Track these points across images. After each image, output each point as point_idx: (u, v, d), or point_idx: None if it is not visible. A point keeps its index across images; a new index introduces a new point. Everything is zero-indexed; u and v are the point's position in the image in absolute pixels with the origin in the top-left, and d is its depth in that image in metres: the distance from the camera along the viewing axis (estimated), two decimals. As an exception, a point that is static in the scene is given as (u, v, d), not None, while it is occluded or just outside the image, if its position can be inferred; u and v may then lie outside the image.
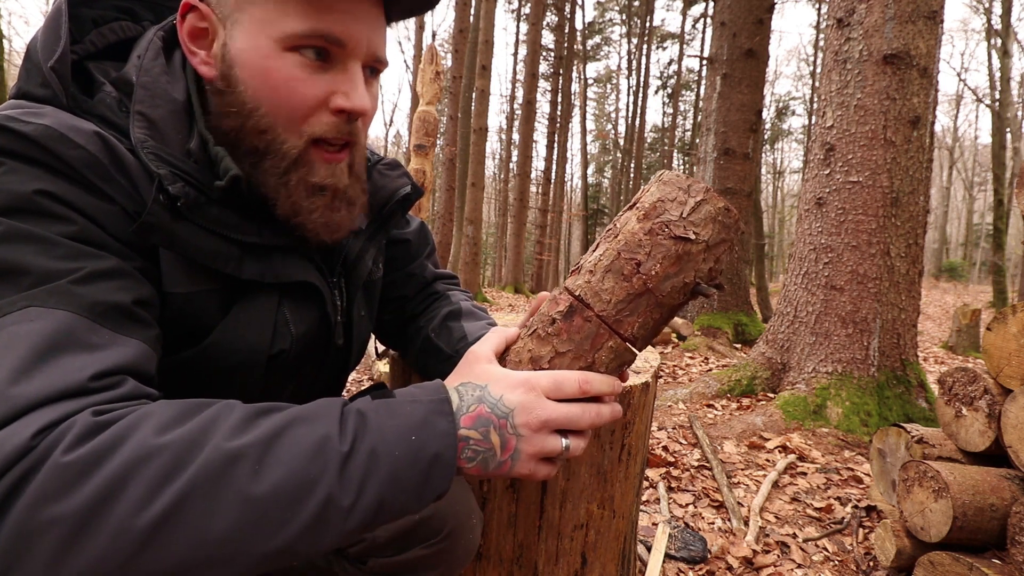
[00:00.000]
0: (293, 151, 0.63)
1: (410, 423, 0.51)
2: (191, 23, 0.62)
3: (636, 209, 0.60)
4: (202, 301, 0.62)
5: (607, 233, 0.62)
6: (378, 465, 0.48)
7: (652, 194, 0.59)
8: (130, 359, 0.50)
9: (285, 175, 0.63)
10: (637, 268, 0.58)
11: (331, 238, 0.68)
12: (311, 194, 0.65)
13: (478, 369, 0.60)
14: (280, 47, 0.59)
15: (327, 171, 0.65)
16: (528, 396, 0.56)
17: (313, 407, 0.51)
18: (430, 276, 0.99)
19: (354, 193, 0.70)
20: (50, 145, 0.52)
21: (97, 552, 0.40)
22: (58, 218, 0.51)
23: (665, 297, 0.59)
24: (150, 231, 0.56)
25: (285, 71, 0.60)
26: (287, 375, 0.73)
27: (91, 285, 0.50)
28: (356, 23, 0.61)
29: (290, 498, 0.45)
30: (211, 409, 0.48)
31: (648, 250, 0.58)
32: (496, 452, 0.55)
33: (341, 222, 0.68)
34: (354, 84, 0.63)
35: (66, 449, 0.41)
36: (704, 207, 0.57)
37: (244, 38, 0.60)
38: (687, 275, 0.59)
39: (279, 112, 0.61)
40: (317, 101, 0.62)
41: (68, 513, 0.39)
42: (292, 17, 0.58)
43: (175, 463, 0.43)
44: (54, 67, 0.57)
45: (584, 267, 0.62)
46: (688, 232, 0.57)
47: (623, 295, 0.59)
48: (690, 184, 0.58)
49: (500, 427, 0.55)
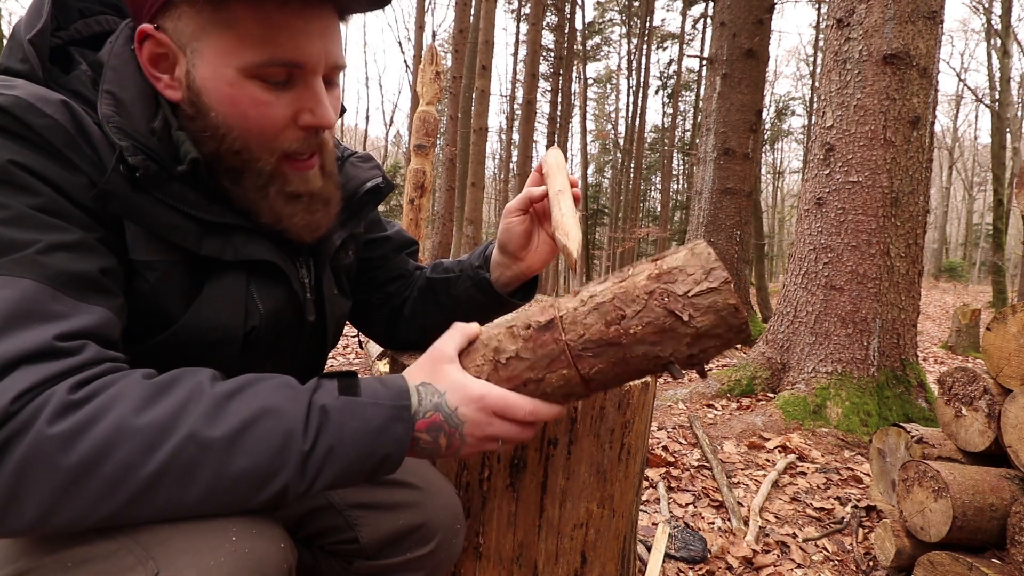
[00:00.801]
0: (267, 167, 0.66)
1: (368, 428, 0.56)
2: (150, 50, 0.64)
3: (655, 265, 0.59)
4: (168, 273, 0.64)
5: (622, 272, 0.63)
6: (334, 462, 0.55)
7: (676, 259, 0.58)
8: (93, 325, 0.54)
9: (264, 189, 0.67)
10: (620, 320, 0.58)
11: (312, 237, 0.73)
12: (289, 202, 0.69)
13: (440, 371, 0.63)
14: (242, 75, 0.61)
15: (300, 179, 0.69)
16: (479, 415, 0.61)
17: (282, 397, 0.55)
18: (412, 268, 1.05)
19: (328, 192, 0.74)
20: (20, 114, 0.54)
21: (79, 510, 0.47)
22: (26, 189, 0.54)
23: (633, 359, 0.59)
24: (107, 199, 0.58)
25: (251, 97, 0.62)
26: (264, 353, 0.76)
27: (55, 255, 0.53)
28: (311, 42, 0.62)
29: (254, 483, 0.52)
30: (183, 389, 0.52)
31: (638, 309, 0.57)
32: (441, 450, 0.62)
33: (320, 221, 0.73)
34: (318, 100, 0.66)
35: (49, 420, 0.46)
36: (713, 296, 0.56)
37: (207, 67, 0.62)
38: (663, 350, 0.58)
39: (250, 134, 0.64)
40: (285, 121, 0.65)
41: (54, 479, 0.46)
42: (249, 48, 0.60)
43: (150, 443, 0.48)
44: (32, 40, 0.61)
45: (583, 293, 0.63)
46: (683, 312, 0.56)
47: (596, 337, 0.59)
48: (713, 268, 0.56)
49: (449, 434, 0.61)
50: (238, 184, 0.67)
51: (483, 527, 0.96)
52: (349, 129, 40.10)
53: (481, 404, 0.61)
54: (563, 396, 0.63)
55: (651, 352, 0.58)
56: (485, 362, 0.65)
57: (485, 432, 0.62)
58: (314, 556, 0.82)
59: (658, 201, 26.18)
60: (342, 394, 0.58)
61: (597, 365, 0.60)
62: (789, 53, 50.00)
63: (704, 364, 0.59)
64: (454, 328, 0.68)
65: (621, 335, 0.58)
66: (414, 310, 1.00)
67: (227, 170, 0.66)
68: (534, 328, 0.62)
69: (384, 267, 1.01)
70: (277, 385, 0.57)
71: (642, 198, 28.58)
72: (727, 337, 0.57)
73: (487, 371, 0.64)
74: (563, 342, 0.60)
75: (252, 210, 0.68)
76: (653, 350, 0.58)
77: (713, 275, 0.56)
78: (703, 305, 0.56)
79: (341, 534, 0.79)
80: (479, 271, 0.93)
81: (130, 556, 0.49)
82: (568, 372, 0.61)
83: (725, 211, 6.67)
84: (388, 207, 20.86)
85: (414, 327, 1.02)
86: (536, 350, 0.62)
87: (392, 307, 1.03)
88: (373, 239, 0.99)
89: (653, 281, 0.58)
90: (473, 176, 11.44)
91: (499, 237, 0.91)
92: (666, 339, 0.57)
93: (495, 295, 0.93)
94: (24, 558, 0.51)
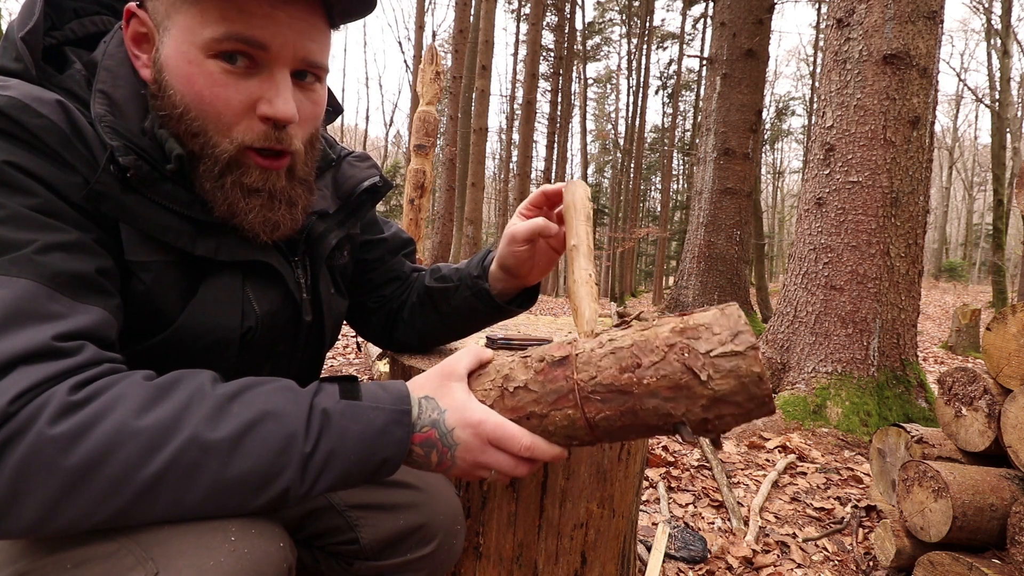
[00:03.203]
0: (225, 155, 0.63)
1: (369, 431, 0.56)
2: (133, 28, 0.64)
3: (682, 319, 0.57)
4: (163, 274, 0.64)
5: (647, 321, 0.60)
6: (334, 465, 0.55)
7: (705, 316, 0.56)
8: (90, 325, 0.53)
9: (220, 178, 0.64)
10: (635, 367, 0.56)
11: (271, 236, 0.68)
12: (246, 195, 0.65)
13: (446, 388, 0.63)
14: (203, 53, 0.60)
15: (261, 175, 0.66)
16: (474, 441, 0.60)
17: (283, 400, 0.55)
18: (408, 270, 1.04)
19: (295, 194, 0.70)
20: (15, 115, 0.54)
21: (79, 512, 0.47)
22: (22, 190, 0.54)
23: (643, 411, 0.56)
24: (99, 199, 0.58)
25: (208, 76, 0.60)
26: (262, 353, 0.75)
27: (52, 255, 0.53)
28: (278, 27, 0.61)
29: (255, 486, 0.52)
30: (184, 391, 0.52)
31: (655, 360, 0.55)
32: (432, 466, 0.62)
33: (280, 220, 0.68)
34: (278, 91, 0.62)
35: (50, 421, 0.46)
36: (736, 360, 0.52)
37: (172, 44, 0.61)
38: (676, 408, 0.55)
39: (207, 116, 0.62)
40: (242, 106, 0.62)
41: (56, 479, 0.46)
42: (211, 23, 0.59)
43: (152, 445, 0.48)
44: (24, 38, 0.61)
45: (603, 336, 0.61)
46: (702, 371, 0.53)
47: (608, 381, 0.57)
48: (741, 332, 0.53)
49: (442, 453, 0.61)
50: (195, 171, 0.64)
51: (483, 527, 0.96)
52: (349, 129, 40.11)
53: (478, 429, 0.60)
54: (566, 438, 0.61)
55: (662, 408, 0.55)
56: (493, 387, 0.63)
57: (477, 459, 0.61)
58: (314, 557, 0.82)
59: (658, 201, 26.19)
60: (343, 398, 0.58)
61: (604, 411, 0.58)
62: (789, 53, 50.07)
63: (719, 433, 0.56)
64: (469, 349, 0.67)
65: (633, 384, 0.56)
66: (413, 315, 1.00)
67: (187, 154, 0.64)
68: (547, 362, 0.61)
69: (380, 269, 1.00)
70: (278, 388, 0.57)
71: (642, 198, 28.60)
72: (747, 407, 0.54)
73: (493, 396, 0.63)
74: (573, 380, 0.59)
75: (208, 201, 0.65)
76: (665, 406, 0.55)
77: (740, 338, 0.53)
78: (724, 368, 0.53)
79: (341, 535, 0.79)
80: (478, 282, 0.92)
81: (130, 557, 0.49)
82: (573, 412, 0.59)
83: (725, 211, 6.67)
84: (388, 207, 20.85)
85: (412, 332, 1.02)
86: (545, 384, 0.60)
87: (389, 310, 1.02)
88: (370, 240, 0.99)
89: (676, 334, 0.55)
90: (473, 176, 11.43)
91: (501, 258, 0.89)
92: (680, 396, 0.54)
93: (495, 305, 0.92)
94: (23, 559, 0.51)
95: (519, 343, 1.10)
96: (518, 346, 1.10)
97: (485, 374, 0.65)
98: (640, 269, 28.91)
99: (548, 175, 20.09)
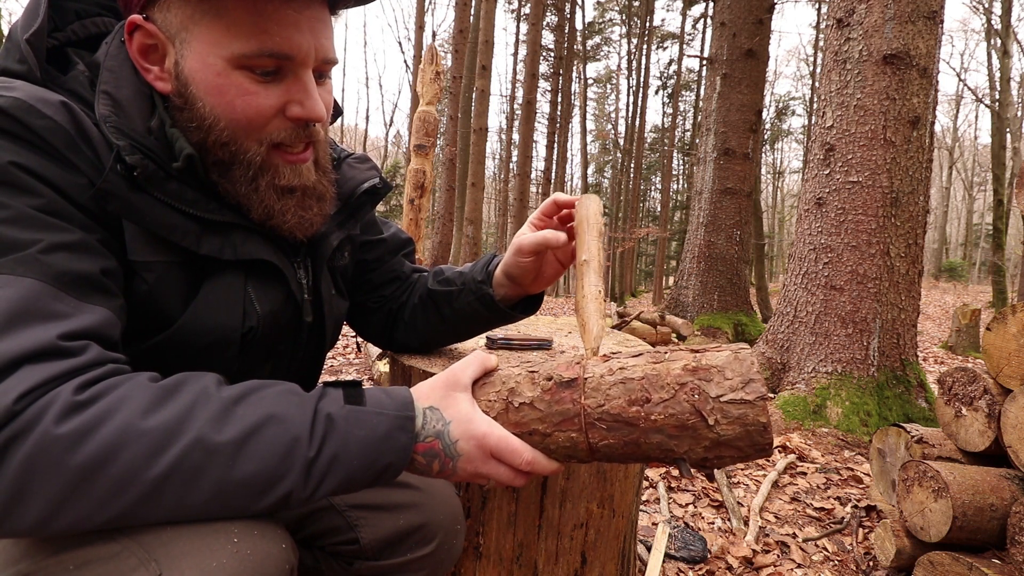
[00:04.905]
0: (257, 158, 0.65)
1: (373, 436, 0.57)
2: (140, 41, 0.64)
3: (694, 356, 0.57)
4: (165, 274, 0.64)
5: (659, 352, 0.61)
6: (338, 469, 0.55)
7: (717, 358, 0.56)
8: (94, 325, 0.54)
9: (253, 181, 0.66)
10: (644, 402, 0.56)
11: (305, 235, 0.72)
12: (281, 196, 0.68)
13: (451, 398, 0.63)
14: (231, 66, 0.61)
15: (293, 172, 0.68)
16: (476, 452, 0.61)
17: (287, 404, 0.55)
18: (408, 270, 1.05)
19: (322, 188, 0.73)
20: (20, 116, 0.54)
21: (83, 511, 0.47)
22: (27, 190, 0.54)
23: (646, 444, 0.57)
24: (106, 199, 0.58)
25: (239, 87, 0.62)
26: (263, 354, 0.75)
27: (57, 254, 0.53)
28: (302, 34, 0.62)
29: (258, 488, 0.52)
30: (189, 393, 0.52)
31: (665, 397, 0.56)
32: (432, 473, 0.63)
33: (313, 219, 0.72)
34: (308, 92, 0.65)
35: (55, 420, 0.46)
36: (744, 408, 0.53)
37: (195, 57, 0.61)
38: (679, 445, 0.56)
39: (238, 125, 0.64)
40: (273, 111, 0.65)
41: (61, 479, 0.46)
42: (239, 38, 0.60)
43: (157, 446, 0.49)
44: (29, 40, 0.61)
45: (614, 362, 0.61)
46: (711, 415, 0.54)
47: (616, 411, 0.57)
48: (752, 380, 0.54)
49: (444, 462, 0.61)
50: (226, 177, 0.66)
51: (483, 527, 0.96)
52: (349, 129, 40.10)
53: (481, 442, 0.60)
54: (565, 456, 0.62)
55: (666, 444, 0.56)
56: (498, 399, 0.63)
57: (478, 469, 0.62)
58: (315, 557, 0.82)
59: (658, 201, 26.19)
60: (347, 403, 0.58)
61: (608, 439, 0.58)
62: (789, 53, 50.07)
63: (715, 469, 0.58)
64: (474, 356, 0.67)
65: (641, 418, 0.56)
66: (414, 317, 1.00)
67: (216, 163, 0.65)
68: (555, 382, 0.61)
69: (380, 269, 1.01)
70: (283, 392, 0.57)
71: (642, 198, 28.59)
72: (747, 452, 0.55)
73: (497, 409, 0.63)
74: (581, 405, 0.59)
75: (243, 205, 0.67)
76: (669, 443, 0.56)
77: (751, 387, 0.54)
78: (732, 414, 0.53)
79: (342, 535, 0.79)
80: (482, 286, 0.92)
81: (133, 558, 0.49)
82: (577, 436, 0.59)
83: (725, 211, 6.67)
84: (388, 207, 20.85)
85: (414, 334, 1.02)
86: (552, 404, 0.60)
87: (389, 310, 1.02)
88: (369, 241, 0.99)
89: (688, 373, 0.56)
90: (473, 176, 11.43)
91: (507, 266, 0.89)
92: (685, 436, 0.55)
93: (499, 310, 0.92)
94: (26, 560, 0.51)
95: (519, 343, 1.10)
96: (518, 346, 1.10)
97: (490, 383, 0.65)
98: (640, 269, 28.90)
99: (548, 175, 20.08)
